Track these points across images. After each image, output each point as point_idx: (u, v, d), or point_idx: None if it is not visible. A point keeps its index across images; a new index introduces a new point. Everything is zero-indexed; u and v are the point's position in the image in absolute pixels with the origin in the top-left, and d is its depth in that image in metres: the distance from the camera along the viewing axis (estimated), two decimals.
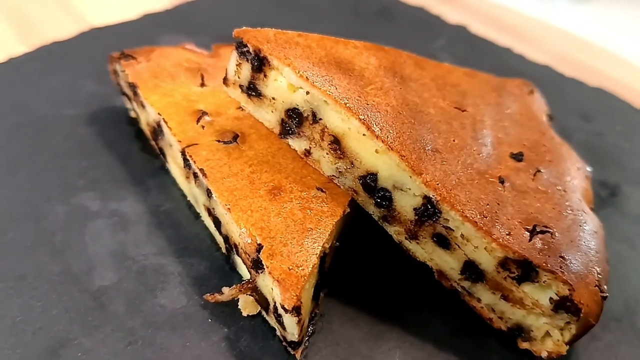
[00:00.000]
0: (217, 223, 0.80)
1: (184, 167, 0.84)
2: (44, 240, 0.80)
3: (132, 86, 0.94)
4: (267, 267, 0.67)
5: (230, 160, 0.80)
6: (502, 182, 0.79)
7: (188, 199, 0.90)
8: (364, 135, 0.74)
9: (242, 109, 0.89)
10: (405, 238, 0.78)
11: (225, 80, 0.85)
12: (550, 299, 0.71)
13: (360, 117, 0.73)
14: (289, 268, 0.67)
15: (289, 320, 0.67)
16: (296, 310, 0.65)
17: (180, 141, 0.83)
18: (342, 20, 1.53)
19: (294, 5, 1.55)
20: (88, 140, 0.98)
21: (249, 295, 0.74)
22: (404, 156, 0.72)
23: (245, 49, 0.80)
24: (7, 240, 0.79)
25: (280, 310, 0.67)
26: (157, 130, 0.91)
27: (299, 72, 0.76)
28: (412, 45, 1.46)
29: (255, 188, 0.77)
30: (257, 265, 0.70)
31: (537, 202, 0.78)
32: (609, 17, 1.71)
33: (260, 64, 0.79)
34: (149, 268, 0.78)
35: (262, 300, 0.73)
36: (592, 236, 0.77)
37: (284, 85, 0.79)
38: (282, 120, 0.82)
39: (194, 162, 0.80)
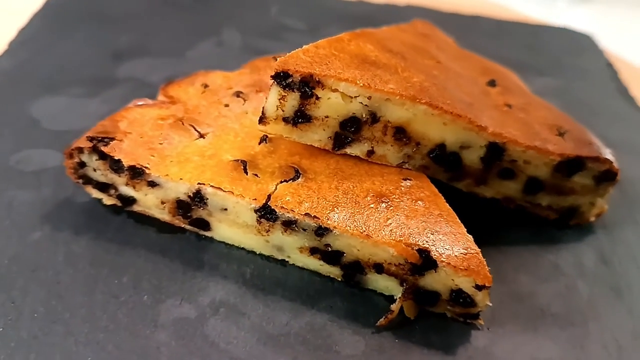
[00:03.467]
0: (334, 257, 0.78)
1: (262, 222, 0.78)
2: None
3: (134, 169, 0.78)
4: (450, 263, 0.71)
5: (315, 193, 0.77)
6: (510, 107, 0.93)
7: (258, 253, 0.83)
8: (432, 114, 0.80)
9: (265, 142, 0.84)
10: (475, 186, 0.89)
11: (262, 120, 0.79)
12: (593, 177, 0.90)
13: (428, 100, 0.79)
14: (463, 254, 0.73)
15: (482, 296, 0.73)
16: (489, 285, 0.72)
17: (255, 199, 0.76)
18: (169, 14, 1.42)
19: (129, 25, 1.37)
20: (96, 254, 0.79)
21: (409, 300, 0.77)
22: (471, 119, 0.81)
23: (289, 80, 0.75)
24: None
25: (472, 291, 0.73)
26: (191, 202, 0.80)
27: (358, 82, 0.76)
28: (256, 21, 1.47)
29: (364, 205, 0.77)
30: (422, 268, 0.73)
31: (538, 112, 0.95)
32: (609, 17, 1.83)
33: (310, 89, 0.76)
34: (304, 334, 0.73)
35: (424, 298, 0.77)
36: (572, 119, 0.99)
37: (338, 100, 0.78)
38: (336, 133, 0.81)
39: (292, 211, 0.75)
